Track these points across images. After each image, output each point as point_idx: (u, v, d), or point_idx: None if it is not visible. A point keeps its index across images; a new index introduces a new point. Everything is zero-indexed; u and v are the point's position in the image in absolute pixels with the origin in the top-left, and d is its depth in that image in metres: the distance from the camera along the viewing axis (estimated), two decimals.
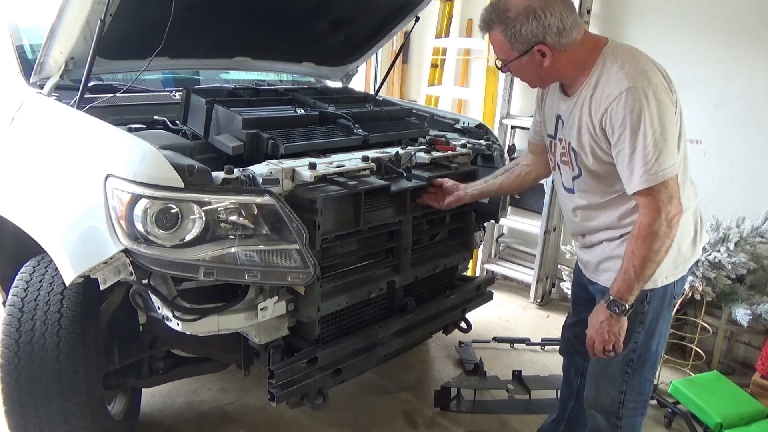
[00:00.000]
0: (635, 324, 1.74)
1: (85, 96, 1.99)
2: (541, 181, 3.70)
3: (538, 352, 3.26)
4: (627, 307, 1.62)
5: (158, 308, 1.73)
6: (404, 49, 4.57)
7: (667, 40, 3.22)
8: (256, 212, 1.63)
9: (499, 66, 1.74)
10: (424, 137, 2.40)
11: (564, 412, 2.24)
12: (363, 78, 4.70)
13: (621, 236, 1.71)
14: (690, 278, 2.90)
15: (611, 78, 1.57)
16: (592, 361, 1.88)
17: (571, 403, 2.19)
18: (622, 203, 1.69)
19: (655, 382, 2.88)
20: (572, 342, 2.12)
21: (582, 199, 1.78)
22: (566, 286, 3.51)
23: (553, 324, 3.57)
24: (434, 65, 4.50)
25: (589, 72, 1.62)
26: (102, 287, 1.64)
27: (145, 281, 1.66)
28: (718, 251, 2.89)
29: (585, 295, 1.95)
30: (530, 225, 3.93)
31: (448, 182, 2.12)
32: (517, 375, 2.87)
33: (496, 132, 3.66)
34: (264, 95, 2.52)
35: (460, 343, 3.21)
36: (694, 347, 3.04)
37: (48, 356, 1.78)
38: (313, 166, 1.82)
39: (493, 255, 4.29)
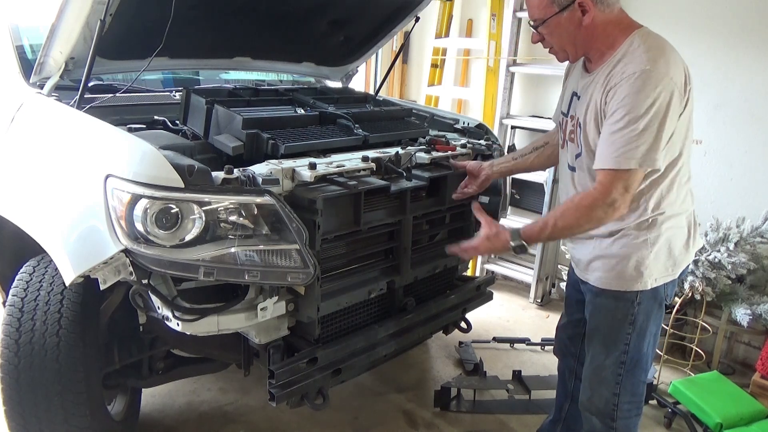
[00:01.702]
0: (625, 326, 1.73)
1: (85, 96, 1.99)
2: (541, 181, 3.75)
3: (538, 352, 3.26)
4: (522, 244, 1.67)
5: (158, 308, 1.73)
6: (404, 49, 4.57)
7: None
8: (256, 212, 1.63)
9: (533, 25, 1.70)
10: (424, 137, 2.39)
11: (560, 413, 2.24)
12: (363, 78, 4.70)
13: (611, 233, 1.71)
14: (690, 278, 2.91)
15: (634, 58, 1.55)
16: (585, 365, 1.88)
17: (567, 404, 2.18)
18: None
19: (655, 382, 2.88)
20: (566, 343, 2.13)
21: (578, 179, 1.77)
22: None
23: (553, 324, 3.53)
24: (434, 65, 4.50)
25: (617, 49, 1.61)
26: (102, 287, 1.64)
27: (145, 281, 1.66)
28: (718, 251, 2.89)
29: (577, 296, 1.95)
30: None
31: (470, 164, 2.16)
32: (517, 375, 2.87)
33: (496, 132, 3.66)
34: (264, 95, 2.52)
35: (460, 343, 3.21)
36: (694, 347, 3.04)
37: (48, 356, 1.78)
38: (313, 166, 1.82)
39: (493, 255, 4.28)
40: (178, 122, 2.24)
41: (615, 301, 1.68)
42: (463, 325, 2.58)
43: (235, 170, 1.68)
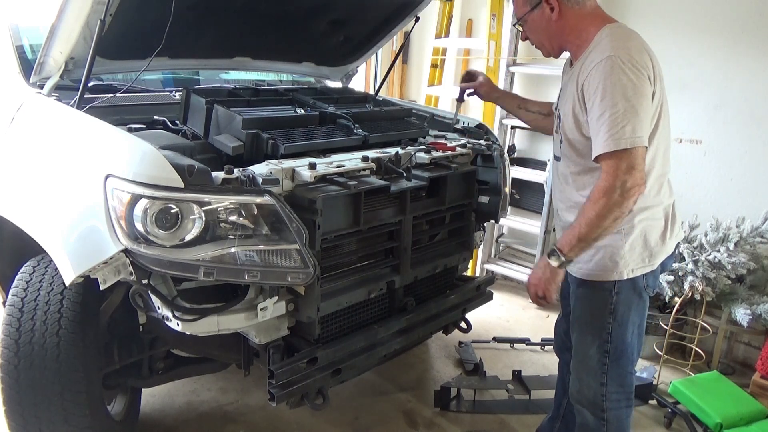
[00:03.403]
0: (606, 315, 1.78)
1: (85, 96, 1.99)
2: (541, 181, 3.75)
3: (538, 352, 3.26)
4: (563, 259, 1.67)
5: (158, 308, 1.73)
6: (404, 49, 4.56)
7: (667, 40, 3.21)
8: (256, 212, 1.63)
9: (514, 23, 1.86)
10: (424, 137, 2.39)
11: (559, 410, 2.25)
12: (363, 78, 4.69)
13: None
14: (690, 278, 2.91)
15: (600, 47, 1.63)
16: (572, 356, 1.92)
17: (565, 400, 2.19)
18: (590, 183, 1.70)
19: (655, 382, 2.88)
20: (562, 338, 2.15)
21: (561, 167, 1.83)
22: None
23: (553, 324, 3.56)
24: (434, 65, 4.50)
25: (590, 42, 1.69)
26: (102, 287, 1.64)
27: (145, 281, 1.66)
28: (718, 251, 2.89)
29: (570, 289, 1.97)
30: (530, 225, 3.93)
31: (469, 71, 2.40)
32: (517, 375, 2.87)
33: (496, 132, 3.66)
34: (264, 95, 2.51)
35: (460, 343, 3.21)
36: (694, 347, 3.04)
37: (48, 356, 1.78)
38: (313, 166, 1.82)
39: (493, 255, 4.29)
40: (178, 122, 2.24)
41: (594, 291, 1.72)
42: (463, 325, 2.59)
43: (235, 170, 1.68)
